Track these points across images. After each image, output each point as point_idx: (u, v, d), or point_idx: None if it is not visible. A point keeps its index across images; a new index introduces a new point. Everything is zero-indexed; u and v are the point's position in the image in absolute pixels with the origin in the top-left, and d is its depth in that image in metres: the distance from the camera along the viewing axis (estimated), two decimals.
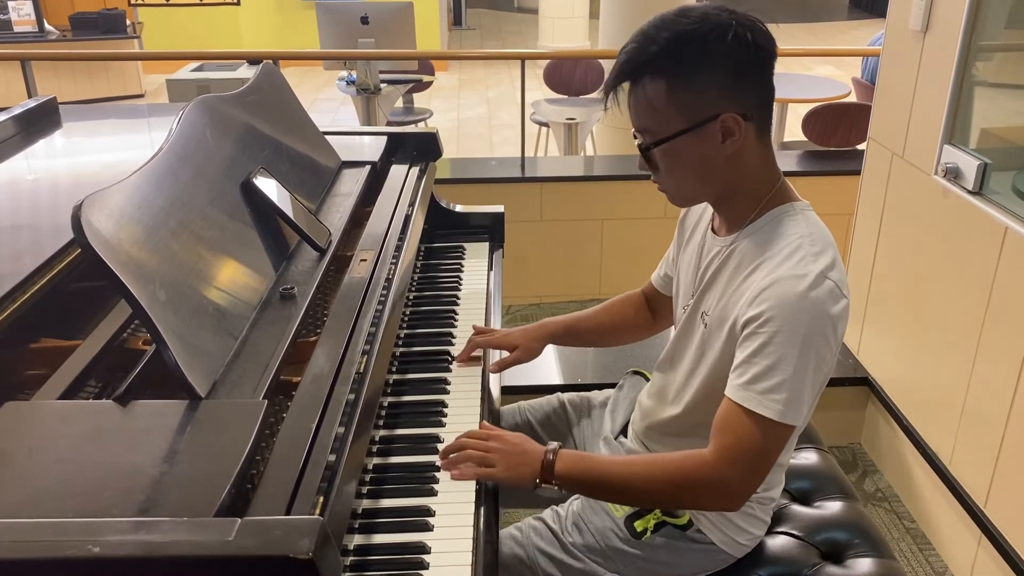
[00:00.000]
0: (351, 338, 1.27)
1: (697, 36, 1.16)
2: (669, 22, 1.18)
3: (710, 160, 1.22)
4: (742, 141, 1.20)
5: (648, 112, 1.22)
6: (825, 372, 1.22)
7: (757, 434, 1.17)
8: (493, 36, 11.36)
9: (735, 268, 1.27)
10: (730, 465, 1.19)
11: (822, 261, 1.18)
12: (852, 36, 11.20)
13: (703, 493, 1.23)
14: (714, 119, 1.19)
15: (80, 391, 1.12)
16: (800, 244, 1.20)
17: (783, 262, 1.19)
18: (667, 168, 1.25)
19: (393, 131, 2.13)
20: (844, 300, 1.19)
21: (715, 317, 1.29)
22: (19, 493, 0.90)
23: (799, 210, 1.26)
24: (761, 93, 1.22)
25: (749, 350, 1.18)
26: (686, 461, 1.24)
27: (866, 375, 2.66)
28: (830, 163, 3.79)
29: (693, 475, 1.22)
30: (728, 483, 1.20)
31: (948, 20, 2.14)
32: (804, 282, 1.16)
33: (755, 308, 1.18)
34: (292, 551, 0.80)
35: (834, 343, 1.19)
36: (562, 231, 3.65)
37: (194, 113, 1.44)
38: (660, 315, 1.66)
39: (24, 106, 1.92)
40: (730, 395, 1.20)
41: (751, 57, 1.18)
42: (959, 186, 2.11)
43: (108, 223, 1.07)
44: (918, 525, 2.41)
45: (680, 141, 1.21)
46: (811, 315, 1.15)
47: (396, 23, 4.43)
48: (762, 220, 1.27)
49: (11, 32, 7.13)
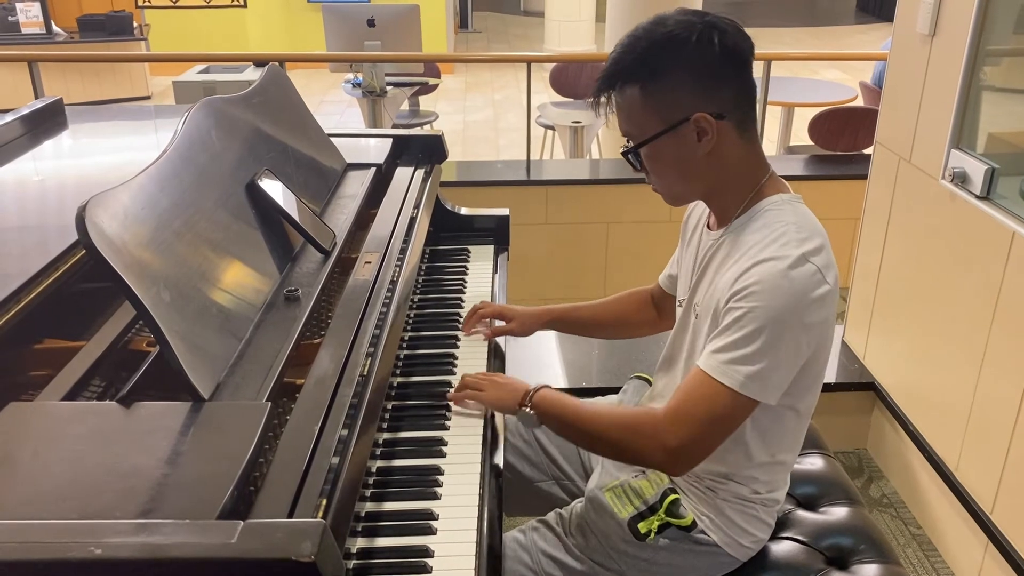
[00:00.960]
0: (355, 340, 1.27)
1: (665, 40, 1.23)
2: (643, 31, 1.26)
3: (689, 159, 1.27)
4: (717, 139, 1.25)
5: (627, 117, 1.29)
6: (806, 357, 1.25)
7: (712, 400, 1.22)
8: (499, 39, 11.37)
9: (722, 259, 1.32)
10: (674, 422, 1.24)
11: (806, 245, 1.22)
12: (859, 40, 11.18)
13: (644, 444, 1.27)
14: (687, 120, 1.24)
15: (84, 392, 1.12)
16: (785, 231, 1.24)
17: (767, 246, 1.23)
18: (652, 169, 1.32)
19: (399, 133, 2.13)
20: (826, 286, 1.22)
21: (704, 307, 1.33)
22: (22, 494, 0.90)
23: (787, 201, 1.30)
24: (737, 93, 1.26)
25: (724, 323, 1.23)
26: (639, 413, 1.34)
27: (872, 380, 2.65)
28: (836, 167, 3.78)
29: (640, 426, 1.28)
30: (666, 439, 1.24)
31: (956, 24, 2.14)
32: (784, 262, 1.20)
33: (736, 286, 1.23)
34: (295, 554, 0.80)
35: (815, 328, 1.23)
36: (567, 234, 3.65)
37: (200, 114, 1.44)
38: (665, 315, 1.69)
39: (31, 107, 1.92)
40: (699, 362, 1.25)
41: (718, 58, 1.22)
42: (966, 191, 2.10)
43: (113, 224, 1.07)
44: (924, 531, 2.40)
45: (658, 143, 1.27)
46: (788, 294, 1.19)
47: (402, 26, 4.43)
48: (750, 212, 1.31)
49: (19, 33, 7.16)
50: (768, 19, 5.40)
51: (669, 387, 1.46)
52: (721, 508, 1.40)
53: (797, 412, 1.34)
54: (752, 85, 1.28)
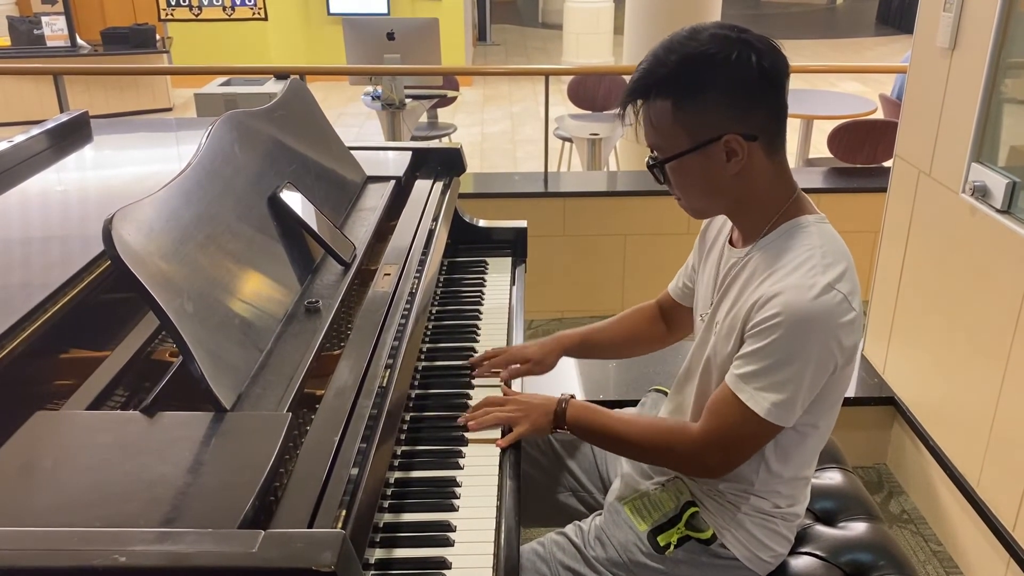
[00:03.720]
0: (374, 352, 1.28)
1: (703, 58, 1.19)
2: (678, 44, 1.22)
3: (716, 178, 1.26)
4: (747, 161, 1.23)
5: (655, 130, 1.26)
6: (828, 378, 1.25)
7: (742, 425, 1.25)
8: (518, 52, 11.42)
9: (747, 279, 1.30)
10: (709, 445, 1.30)
11: (831, 272, 1.21)
12: (879, 53, 11.14)
13: (683, 462, 1.37)
14: (717, 140, 1.22)
15: (108, 401, 1.14)
16: (811, 255, 1.23)
17: (792, 272, 1.22)
18: (676, 183, 1.30)
19: (418, 146, 2.15)
20: (853, 313, 1.22)
21: (727, 326, 1.32)
22: (47, 501, 0.91)
23: (813, 222, 1.29)
24: (770, 114, 1.24)
25: (752, 347, 1.23)
26: (674, 431, 1.37)
27: (892, 395, 2.63)
28: (856, 180, 3.76)
29: (677, 445, 1.34)
30: (704, 460, 1.32)
31: (976, 37, 2.13)
32: (812, 292, 1.19)
33: (762, 313, 1.22)
34: (315, 563, 0.80)
35: (839, 354, 1.23)
36: (585, 246, 3.65)
37: (223, 128, 1.46)
38: (675, 326, 1.68)
39: (56, 120, 1.96)
40: (728, 381, 1.27)
41: (756, 79, 1.20)
42: (987, 204, 2.09)
43: (138, 236, 1.09)
44: (945, 548, 2.37)
45: (685, 160, 1.25)
46: (816, 324, 1.19)
47: (422, 39, 4.46)
48: (775, 233, 1.29)
49: (44, 47, 7.27)
50: (788, 31, 5.37)
51: (686, 400, 1.46)
52: (742, 522, 1.39)
53: (818, 430, 1.35)
54: (785, 105, 1.26)
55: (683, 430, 1.35)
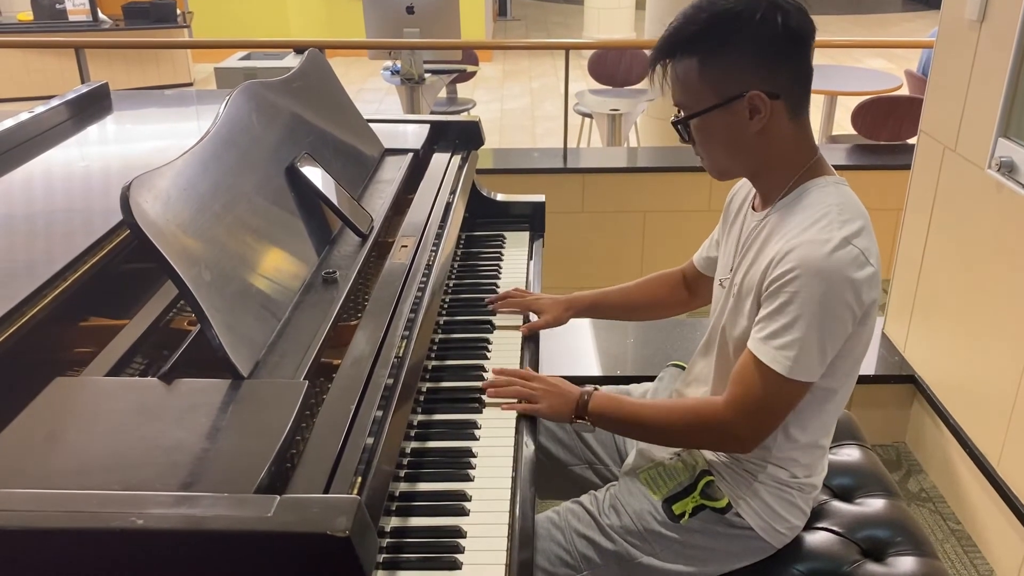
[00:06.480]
0: (391, 323, 1.28)
1: (729, 16, 1.22)
2: (708, 2, 1.24)
3: (739, 135, 1.27)
4: (769, 119, 1.25)
5: (682, 88, 1.29)
6: (847, 335, 1.25)
7: (767, 387, 1.25)
8: (538, 27, 11.33)
9: (765, 238, 1.32)
10: (738, 413, 1.29)
11: (848, 228, 1.22)
12: (905, 28, 10.95)
13: (714, 437, 1.35)
14: (741, 96, 1.24)
15: (127, 368, 1.15)
16: (827, 212, 1.24)
17: (808, 227, 1.24)
18: (700, 141, 1.32)
19: (436, 119, 2.13)
20: (870, 268, 1.22)
21: (745, 287, 1.33)
22: (67, 465, 0.92)
23: (831, 183, 1.30)
24: (794, 74, 1.26)
25: (771, 307, 1.24)
26: (700, 407, 1.36)
27: (912, 373, 2.61)
28: (879, 157, 3.71)
29: (706, 420, 1.33)
30: (735, 430, 1.30)
31: (1006, 9, 2.08)
32: (827, 246, 1.20)
33: (778, 269, 1.23)
34: (330, 528, 0.81)
35: (857, 308, 1.23)
36: (604, 223, 3.63)
37: (240, 98, 1.46)
38: (697, 294, 1.71)
39: (76, 91, 1.96)
40: (750, 346, 1.27)
41: (781, 38, 1.22)
42: (1014, 180, 2.06)
43: (156, 204, 1.09)
44: (964, 527, 2.36)
45: (710, 116, 1.27)
46: (832, 278, 1.20)
47: (441, 13, 4.43)
48: (794, 193, 1.31)
49: (66, 21, 7.30)
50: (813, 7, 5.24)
51: (707, 368, 1.47)
52: (758, 491, 1.39)
53: (836, 395, 1.35)
54: (809, 68, 1.28)
55: (708, 404, 1.35)
